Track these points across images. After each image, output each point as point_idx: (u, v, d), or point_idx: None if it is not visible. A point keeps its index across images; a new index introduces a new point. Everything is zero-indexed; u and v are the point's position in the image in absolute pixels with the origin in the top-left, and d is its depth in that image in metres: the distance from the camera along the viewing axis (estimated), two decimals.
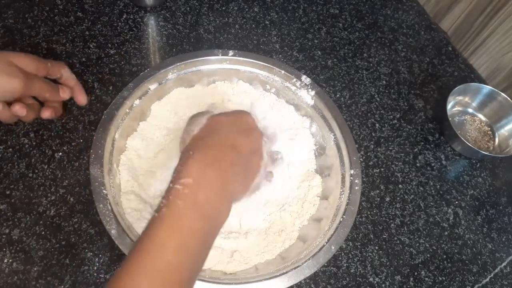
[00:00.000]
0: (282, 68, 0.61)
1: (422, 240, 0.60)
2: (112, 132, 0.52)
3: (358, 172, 0.55)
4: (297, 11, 0.80)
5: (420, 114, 0.72)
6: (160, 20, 0.72)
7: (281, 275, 0.46)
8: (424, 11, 0.87)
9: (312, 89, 0.60)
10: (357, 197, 0.53)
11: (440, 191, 0.65)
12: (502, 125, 0.73)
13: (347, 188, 0.54)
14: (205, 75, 0.61)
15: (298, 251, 0.50)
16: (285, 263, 0.49)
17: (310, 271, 0.47)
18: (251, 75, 0.62)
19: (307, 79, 0.61)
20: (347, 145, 0.57)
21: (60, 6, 0.69)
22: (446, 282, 0.58)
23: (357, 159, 0.56)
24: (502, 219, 0.65)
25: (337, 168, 0.56)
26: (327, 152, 0.59)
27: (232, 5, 0.77)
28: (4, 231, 0.50)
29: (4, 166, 0.54)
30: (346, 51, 0.77)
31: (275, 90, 0.62)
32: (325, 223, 0.52)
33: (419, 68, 0.78)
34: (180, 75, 0.59)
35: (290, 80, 0.61)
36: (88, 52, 0.65)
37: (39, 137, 0.56)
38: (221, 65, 0.61)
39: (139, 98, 0.55)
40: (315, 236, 0.51)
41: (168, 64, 0.58)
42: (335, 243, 0.49)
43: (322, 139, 0.60)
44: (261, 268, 0.49)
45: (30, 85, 0.50)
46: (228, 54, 0.60)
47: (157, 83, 0.57)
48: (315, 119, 0.61)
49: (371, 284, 0.55)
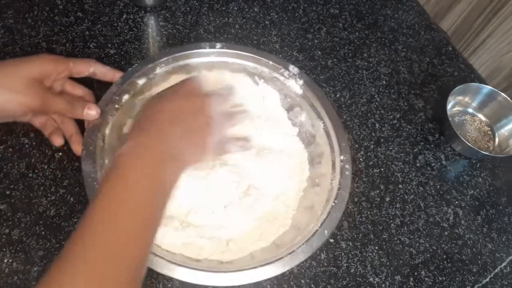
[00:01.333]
0: (269, 59, 0.62)
1: (422, 240, 0.60)
2: (103, 128, 0.52)
3: (348, 158, 0.55)
4: (297, 11, 0.80)
5: (420, 114, 0.72)
6: (160, 20, 0.72)
7: (276, 261, 0.46)
8: (424, 11, 0.87)
9: (300, 79, 0.61)
10: (348, 182, 0.54)
11: (440, 191, 0.65)
12: (502, 125, 0.73)
13: (338, 174, 0.54)
14: (193, 68, 0.61)
15: (292, 237, 0.50)
16: (279, 249, 0.49)
17: (304, 255, 0.47)
18: (239, 66, 0.62)
19: (294, 69, 0.61)
20: (336, 132, 0.58)
21: (60, 6, 0.69)
22: (446, 282, 0.58)
23: (347, 145, 0.56)
24: (502, 219, 0.65)
25: (327, 155, 0.57)
26: (317, 140, 0.60)
27: (232, 5, 0.77)
28: (4, 231, 0.50)
29: (4, 166, 0.54)
30: (346, 51, 0.77)
31: (264, 80, 0.63)
32: (317, 208, 0.52)
33: (419, 68, 0.78)
34: (168, 69, 0.59)
35: (278, 71, 0.62)
36: (88, 52, 0.65)
37: (39, 137, 0.56)
38: (209, 58, 0.61)
39: (128, 93, 0.55)
40: (308, 222, 0.52)
41: (156, 59, 0.58)
42: (328, 228, 0.50)
43: (312, 127, 0.60)
44: (257, 255, 0.50)
45: (46, 105, 0.47)
46: (215, 47, 0.61)
47: (145, 77, 0.57)
48: (304, 108, 0.61)
49: (371, 284, 0.55)
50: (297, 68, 0.61)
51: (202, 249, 0.49)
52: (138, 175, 0.40)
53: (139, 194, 0.39)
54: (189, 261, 0.47)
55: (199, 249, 0.49)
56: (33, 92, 0.45)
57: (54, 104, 0.48)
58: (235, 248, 0.50)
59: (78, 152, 0.52)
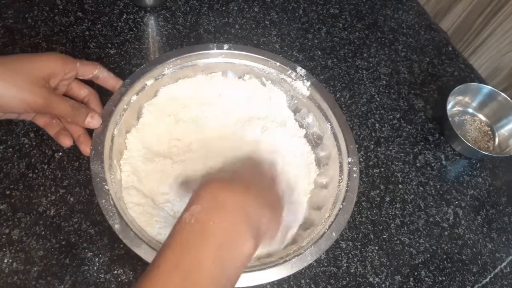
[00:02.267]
0: (277, 60, 0.61)
1: (422, 240, 0.60)
2: (111, 128, 0.52)
3: (355, 160, 0.55)
4: (297, 11, 0.80)
5: (420, 114, 0.72)
6: (160, 20, 0.72)
7: (284, 263, 0.46)
8: (424, 11, 0.87)
9: (307, 80, 0.61)
10: (355, 184, 0.54)
11: (440, 191, 0.65)
12: (502, 125, 0.73)
13: (346, 176, 0.54)
14: (200, 69, 0.61)
15: (300, 239, 0.50)
16: (287, 251, 0.49)
17: (312, 257, 0.47)
18: (246, 68, 0.62)
19: (302, 70, 0.61)
20: (344, 134, 0.57)
21: (60, 6, 0.69)
22: (446, 282, 0.58)
23: (354, 147, 0.56)
24: (502, 219, 0.65)
25: (335, 157, 0.57)
26: (325, 142, 0.60)
27: (232, 5, 0.77)
28: (4, 231, 0.50)
29: (4, 166, 0.54)
30: (346, 51, 0.77)
31: (271, 82, 0.63)
32: (325, 210, 0.52)
33: (419, 68, 0.78)
34: (175, 70, 0.59)
35: (286, 72, 0.62)
36: (88, 52, 0.65)
37: (39, 137, 0.56)
38: (217, 59, 0.61)
39: (136, 94, 0.56)
40: (316, 223, 0.52)
41: (164, 60, 0.58)
42: (336, 230, 0.50)
43: (319, 129, 0.60)
44: (264, 257, 0.50)
45: (49, 106, 0.45)
46: (223, 48, 0.61)
47: (153, 78, 0.57)
48: (312, 110, 0.61)
49: (371, 284, 0.55)
50: (304, 70, 0.61)
51: None
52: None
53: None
54: None
55: None
56: (37, 91, 0.44)
57: (58, 108, 0.46)
58: None
59: (87, 153, 0.50)
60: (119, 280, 0.49)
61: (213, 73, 0.62)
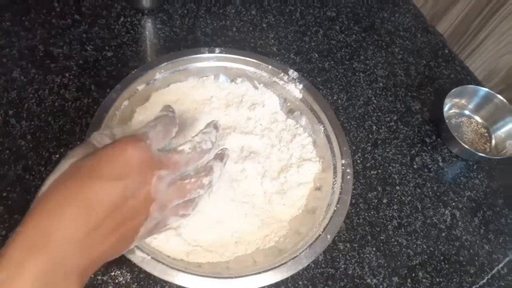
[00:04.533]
0: (269, 63, 0.62)
1: (419, 241, 0.60)
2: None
3: (349, 162, 0.55)
4: (294, 14, 0.80)
5: (417, 116, 0.73)
6: (157, 23, 0.72)
7: (279, 266, 0.46)
8: (420, 14, 0.88)
9: (300, 83, 0.61)
10: (349, 186, 0.54)
11: (437, 193, 0.65)
12: (498, 127, 0.73)
13: (339, 178, 0.54)
14: (192, 73, 0.61)
15: (295, 242, 0.50)
16: (282, 254, 0.49)
17: (307, 260, 0.47)
18: (238, 71, 0.62)
19: (294, 73, 0.62)
20: (337, 135, 0.58)
21: (57, 9, 0.69)
22: (443, 283, 0.58)
23: (347, 149, 0.57)
24: (499, 220, 0.65)
25: (328, 159, 0.57)
26: (318, 144, 0.60)
27: (229, 8, 0.77)
28: (1, 233, 0.49)
29: (1, 168, 0.54)
30: (343, 53, 0.77)
31: (263, 85, 0.63)
32: (319, 213, 0.53)
33: (416, 70, 0.79)
34: (167, 75, 0.59)
35: (278, 75, 0.62)
36: (85, 55, 0.65)
37: (36, 139, 0.56)
38: (209, 62, 0.61)
39: (128, 99, 0.56)
40: (310, 226, 0.52)
41: (155, 64, 0.58)
42: (330, 232, 0.50)
43: (312, 131, 0.61)
44: (259, 261, 0.50)
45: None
46: (214, 52, 0.61)
47: (145, 83, 0.57)
48: (304, 112, 0.61)
49: (369, 286, 0.55)
50: (296, 72, 0.62)
51: (204, 253, 0.49)
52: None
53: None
54: (191, 266, 0.47)
55: (201, 253, 0.49)
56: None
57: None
58: (238, 250, 0.50)
59: None
60: (116, 281, 0.49)
61: (205, 76, 0.62)
